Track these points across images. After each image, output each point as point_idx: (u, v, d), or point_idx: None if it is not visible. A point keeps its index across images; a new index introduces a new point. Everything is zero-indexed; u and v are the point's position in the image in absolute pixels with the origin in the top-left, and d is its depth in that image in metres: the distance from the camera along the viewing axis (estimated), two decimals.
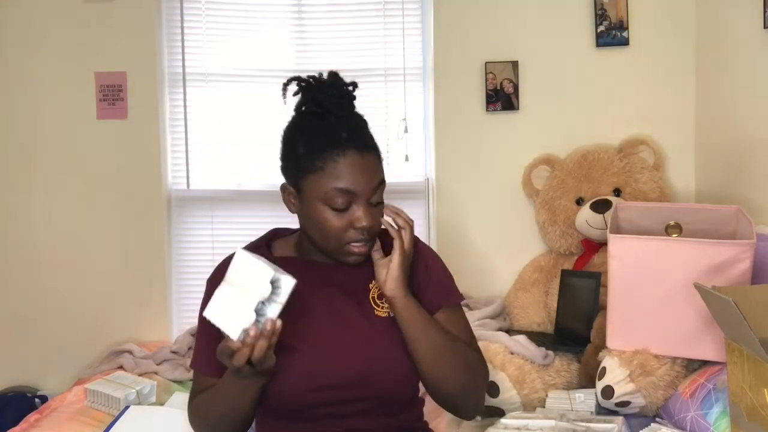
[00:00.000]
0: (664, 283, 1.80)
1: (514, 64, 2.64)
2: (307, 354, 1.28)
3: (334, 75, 1.28)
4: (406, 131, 2.72)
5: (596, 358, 1.97)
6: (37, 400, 2.57)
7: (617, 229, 2.07)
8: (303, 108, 1.30)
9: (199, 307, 1.39)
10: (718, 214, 2.05)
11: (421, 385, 1.37)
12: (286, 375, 1.26)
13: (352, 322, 1.31)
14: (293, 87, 1.30)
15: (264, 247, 1.40)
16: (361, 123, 1.30)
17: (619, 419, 1.66)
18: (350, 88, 1.29)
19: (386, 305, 1.33)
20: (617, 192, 2.49)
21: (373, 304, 1.33)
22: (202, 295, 1.43)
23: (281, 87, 1.30)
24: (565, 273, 2.36)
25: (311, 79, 1.28)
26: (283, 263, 1.24)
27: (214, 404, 1.27)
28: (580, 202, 2.50)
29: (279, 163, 1.34)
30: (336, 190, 1.22)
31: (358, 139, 1.25)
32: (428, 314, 1.31)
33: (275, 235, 1.44)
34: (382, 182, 1.28)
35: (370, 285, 1.35)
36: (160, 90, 2.69)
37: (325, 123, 1.25)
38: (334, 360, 1.27)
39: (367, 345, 1.29)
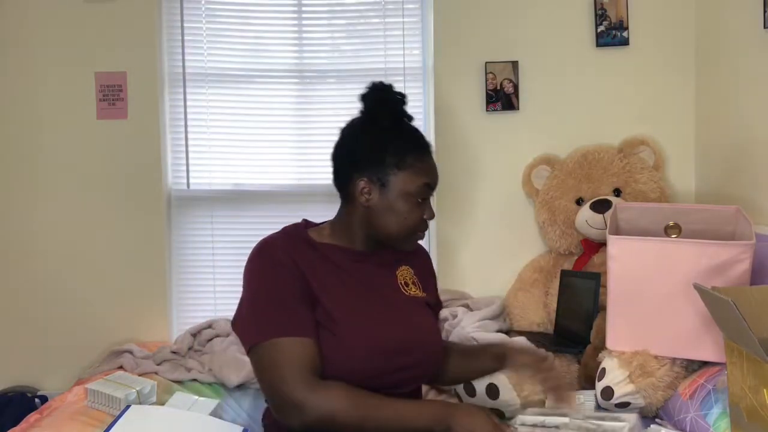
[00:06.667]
0: (664, 283, 1.80)
1: (514, 64, 2.64)
2: (365, 325, 1.38)
3: (390, 86, 1.47)
4: None
5: (596, 359, 1.97)
6: (37, 400, 2.57)
7: (617, 230, 2.07)
8: (377, 110, 1.45)
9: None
10: (718, 214, 2.05)
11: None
12: (350, 345, 1.35)
13: (390, 299, 1.46)
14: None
15: (304, 231, 1.47)
16: (420, 131, 1.49)
17: (633, 416, 1.65)
18: (403, 98, 1.47)
19: (413, 290, 1.51)
20: (617, 192, 2.49)
21: (403, 288, 1.49)
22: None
23: (361, 96, 1.46)
24: (564, 273, 2.37)
25: (384, 86, 1.46)
26: (325, 249, 1.44)
27: (380, 413, 1.30)
28: (580, 202, 2.50)
29: (348, 159, 1.44)
30: (425, 185, 1.44)
31: (428, 144, 1.48)
32: None
33: (308, 225, 1.52)
34: None
35: (397, 272, 1.51)
36: (160, 90, 2.69)
37: (403, 127, 1.46)
38: (386, 329, 1.40)
39: (408, 317, 1.46)
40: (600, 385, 1.87)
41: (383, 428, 1.30)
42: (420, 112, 2.76)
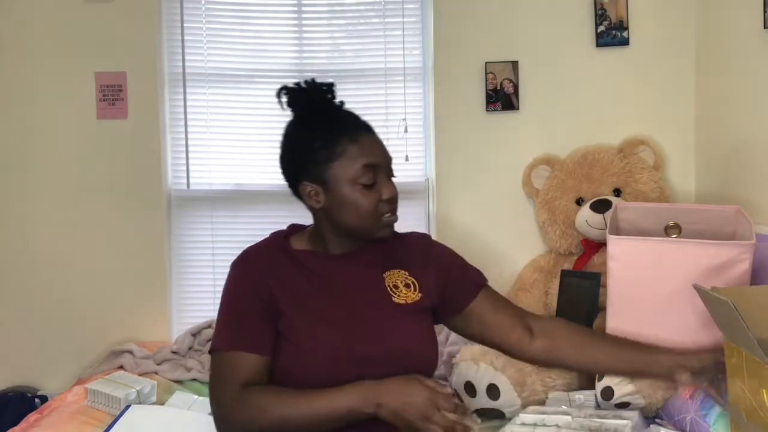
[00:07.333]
0: (664, 284, 1.80)
1: (514, 64, 2.63)
2: (331, 335, 1.32)
3: (312, 80, 1.41)
4: (406, 131, 2.72)
5: None
6: (37, 400, 2.58)
7: (617, 230, 2.07)
8: (300, 111, 1.41)
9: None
10: (718, 214, 2.05)
11: None
12: (312, 355, 1.30)
13: (374, 307, 1.37)
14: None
15: (283, 239, 1.44)
16: (352, 112, 1.42)
17: (635, 414, 1.65)
18: (330, 87, 1.42)
19: (403, 293, 1.40)
20: (617, 192, 2.49)
21: (391, 292, 1.39)
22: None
23: (276, 96, 1.42)
24: (564, 273, 2.36)
25: (296, 85, 1.41)
26: (301, 256, 1.39)
27: (299, 408, 1.25)
28: (580, 202, 2.50)
29: (289, 166, 1.41)
30: (364, 167, 1.33)
31: (362, 123, 1.39)
32: None
33: (293, 230, 1.49)
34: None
35: (385, 275, 1.41)
36: (160, 90, 2.69)
37: (328, 117, 1.38)
38: (356, 339, 1.32)
39: (392, 326, 1.36)
40: (600, 385, 1.87)
41: (311, 422, 1.24)
42: (420, 112, 2.76)
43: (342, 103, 1.42)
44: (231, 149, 2.77)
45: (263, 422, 1.25)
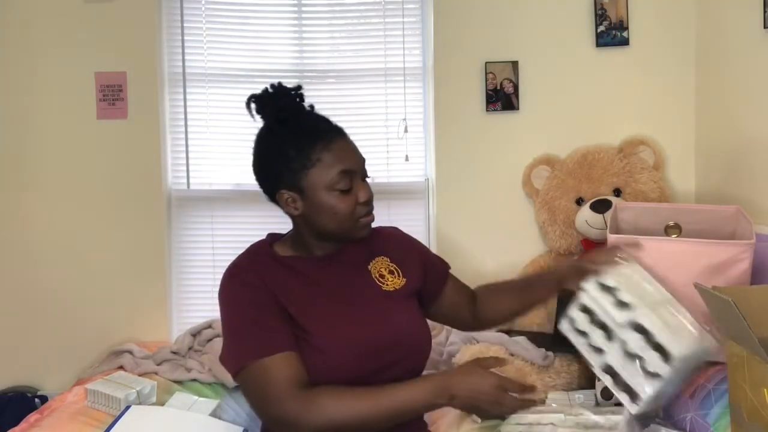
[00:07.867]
0: (664, 283, 1.80)
1: (514, 64, 2.64)
2: (340, 331, 1.34)
3: (279, 84, 1.41)
4: (406, 131, 2.72)
5: None
6: (37, 400, 2.58)
7: (617, 230, 2.07)
8: (269, 119, 1.41)
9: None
10: (718, 214, 2.05)
11: None
12: (329, 354, 1.32)
13: (369, 299, 1.41)
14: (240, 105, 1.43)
15: (268, 247, 1.46)
16: (323, 116, 1.42)
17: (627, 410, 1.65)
18: (298, 91, 1.41)
19: (390, 280, 1.45)
20: (617, 192, 2.49)
21: (379, 282, 1.44)
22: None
23: (245, 105, 1.41)
24: None
25: (264, 92, 1.40)
26: (290, 261, 1.40)
27: (377, 406, 1.27)
28: (580, 202, 2.50)
29: (265, 175, 1.42)
30: (340, 174, 1.35)
31: (335, 127, 1.40)
32: None
33: (273, 239, 1.50)
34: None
35: (370, 267, 1.46)
36: (160, 90, 2.69)
37: (299, 123, 1.38)
38: (363, 332, 1.36)
39: (386, 314, 1.40)
40: (600, 385, 1.87)
41: (386, 419, 1.27)
42: (420, 112, 2.76)
43: (312, 106, 1.42)
44: (231, 149, 2.76)
45: (341, 424, 1.25)
